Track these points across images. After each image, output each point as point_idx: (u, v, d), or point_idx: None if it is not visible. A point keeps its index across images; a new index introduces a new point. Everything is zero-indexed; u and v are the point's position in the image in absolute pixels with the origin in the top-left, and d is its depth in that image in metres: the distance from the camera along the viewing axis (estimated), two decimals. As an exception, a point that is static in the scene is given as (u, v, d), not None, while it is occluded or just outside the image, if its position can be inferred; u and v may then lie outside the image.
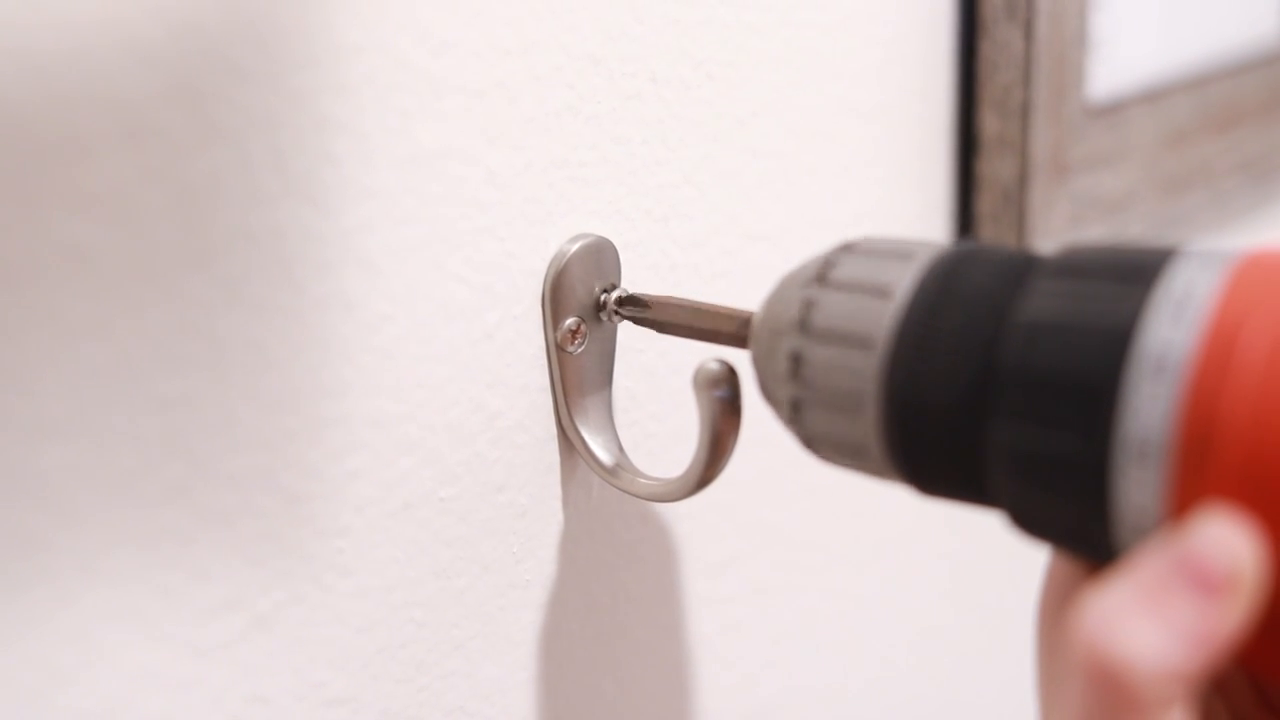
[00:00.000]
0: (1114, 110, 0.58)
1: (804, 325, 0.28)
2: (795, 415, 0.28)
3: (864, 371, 0.27)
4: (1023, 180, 0.53)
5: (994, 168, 0.53)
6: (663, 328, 0.36)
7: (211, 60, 0.28)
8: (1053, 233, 0.55)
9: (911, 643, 0.57)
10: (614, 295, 0.37)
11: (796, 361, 0.28)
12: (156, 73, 0.27)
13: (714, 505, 0.44)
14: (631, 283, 0.38)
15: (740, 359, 0.33)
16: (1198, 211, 0.66)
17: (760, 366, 0.30)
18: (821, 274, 0.28)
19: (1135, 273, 0.23)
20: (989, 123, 0.53)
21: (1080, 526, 0.24)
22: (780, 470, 0.47)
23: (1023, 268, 0.26)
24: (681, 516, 0.43)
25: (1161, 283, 0.23)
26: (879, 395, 0.26)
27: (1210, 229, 0.72)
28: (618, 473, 0.37)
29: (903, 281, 0.27)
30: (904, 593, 0.56)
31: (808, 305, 0.28)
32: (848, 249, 0.29)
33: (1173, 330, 0.22)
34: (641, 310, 0.36)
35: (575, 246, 0.36)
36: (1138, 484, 0.22)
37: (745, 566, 0.46)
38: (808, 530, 0.49)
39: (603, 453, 0.37)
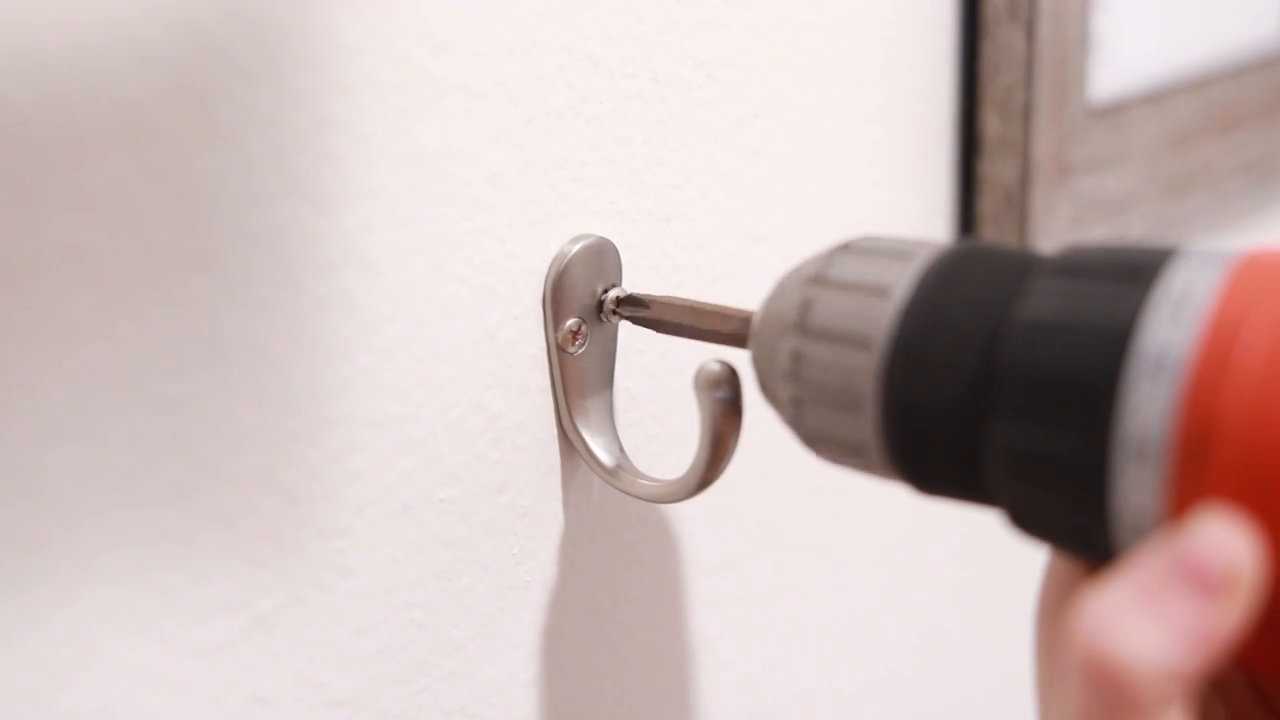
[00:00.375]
0: (1116, 111, 0.58)
1: (803, 325, 0.28)
2: (796, 414, 0.28)
3: (863, 371, 0.26)
4: (1024, 182, 0.53)
5: (996, 169, 0.53)
6: (662, 327, 0.36)
7: (212, 60, 0.28)
8: (1054, 234, 0.55)
9: (913, 643, 0.57)
10: (612, 294, 0.37)
11: (796, 360, 0.28)
12: (157, 72, 0.27)
13: (715, 507, 0.44)
14: (633, 284, 0.38)
15: (740, 359, 0.33)
16: (1199, 213, 0.66)
17: (760, 366, 0.30)
18: (820, 273, 0.28)
19: (1134, 272, 0.23)
20: (991, 124, 0.53)
21: (1079, 526, 0.24)
22: (781, 471, 0.47)
23: (1022, 267, 0.26)
24: (682, 518, 0.43)
25: (1160, 282, 0.23)
26: (878, 395, 0.26)
27: (1212, 230, 0.72)
28: (618, 474, 0.37)
29: (901, 281, 0.27)
30: (905, 594, 0.56)
31: (806, 305, 0.28)
32: (846, 248, 0.29)
33: (1171, 330, 0.22)
34: (641, 310, 0.36)
35: (576, 247, 0.36)
36: (1136, 483, 0.22)
37: (746, 568, 0.46)
38: (809, 532, 0.49)
39: (603, 454, 0.37)
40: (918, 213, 0.52)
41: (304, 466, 0.31)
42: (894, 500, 0.51)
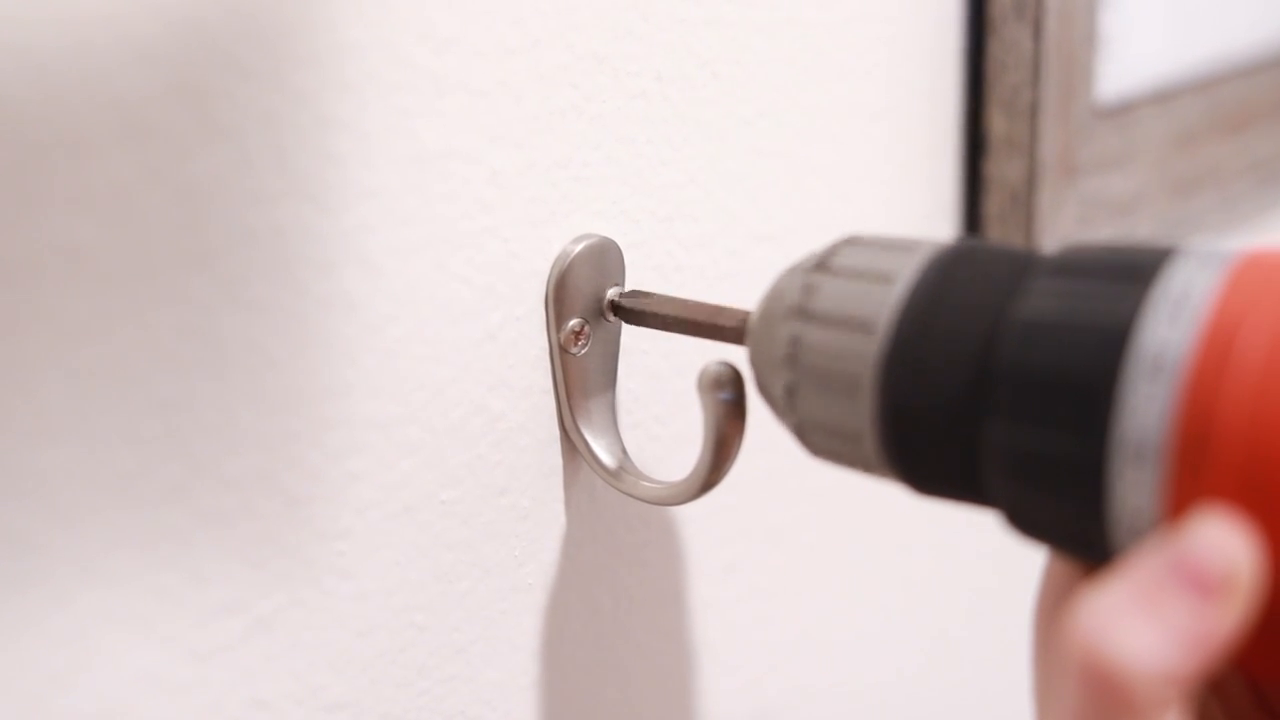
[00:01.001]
0: (1123, 111, 0.58)
1: (803, 309, 0.28)
2: (790, 401, 0.28)
3: (863, 355, 0.26)
4: (1031, 181, 0.53)
5: (1002, 169, 0.53)
6: (659, 323, 0.36)
7: (213, 58, 0.27)
8: (1061, 234, 0.55)
9: (915, 644, 0.57)
10: (611, 293, 0.37)
11: (795, 345, 0.28)
12: (157, 71, 0.27)
13: (718, 508, 0.44)
14: (636, 283, 0.38)
15: (742, 359, 0.33)
16: (1207, 213, 0.66)
17: (756, 358, 0.30)
18: (823, 261, 0.28)
19: (1133, 272, 0.23)
20: (997, 123, 0.53)
21: (1076, 527, 0.24)
22: (785, 473, 0.46)
23: (1022, 266, 0.26)
24: (685, 520, 0.43)
25: (1159, 282, 0.23)
26: (877, 380, 0.26)
27: (1219, 231, 0.71)
28: (621, 476, 0.37)
29: (906, 269, 0.27)
30: (907, 595, 0.55)
31: (808, 290, 0.28)
32: (850, 242, 0.29)
33: (1170, 330, 0.22)
34: (639, 306, 0.36)
35: (579, 247, 0.36)
36: (1134, 485, 0.22)
37: (749, 570, 0.46)
38: (812, 533, 0.49)
39: (606, 455, 0.37)
40: (923, 212, 0.51)
41: (304, 468, 0.31)
42: (896, 502, 0.51)
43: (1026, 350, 0.24)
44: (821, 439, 0.28)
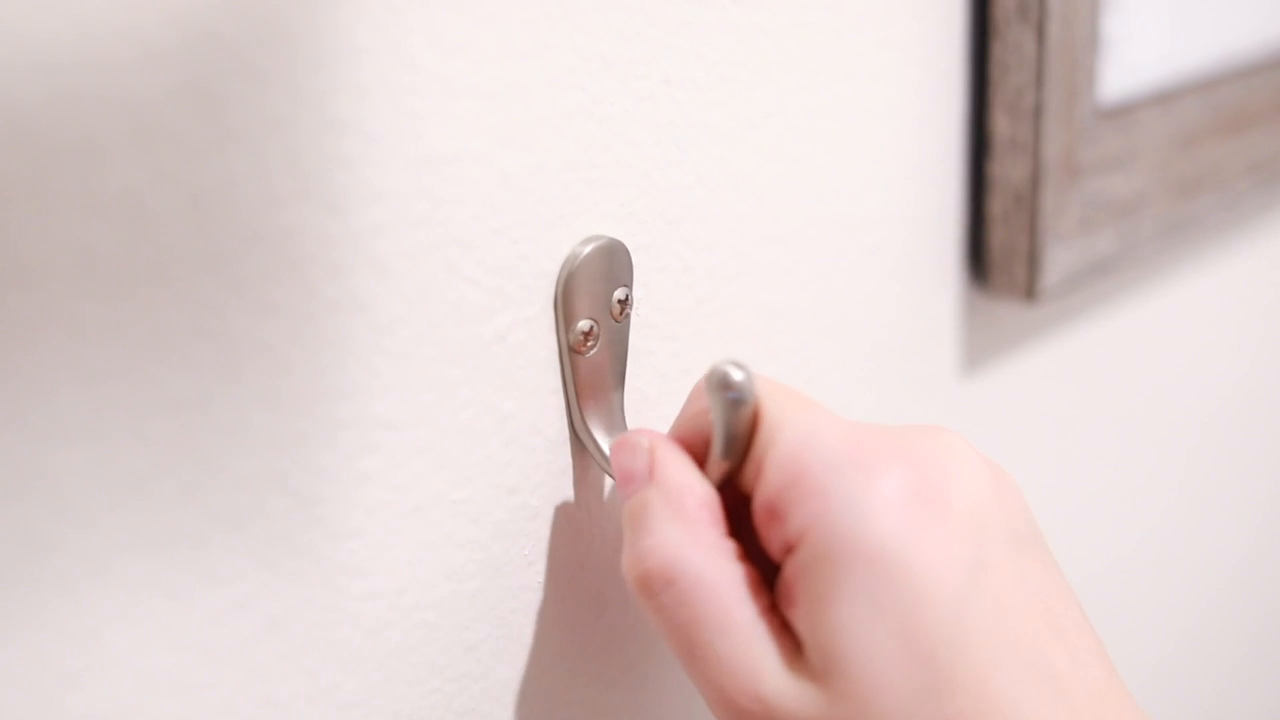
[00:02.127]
0: (1125, 112, 0.58)
1: None
2: None
3: None
4: (1034, 182, 0.53)
5: (1005, 170, 0.53)
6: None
7: (224, 62, 0.28)
8: (1064, 235, 0.55)
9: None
10: (618, 293, 0.37)
11: None
12: (168, 74, 0.27)
13: (725, 508, 0.44)
14: (644, 285, 0.38)
15: (749, 358, 0.33)
16: (1209, 214, 0.66)
17: None
18: None
19: None
20: (1000, 124, 0.53)
21: None
22: (791, 473, 0.46)
23: None
24: (692, 519, 0.43)
25: None
26: None
27: (1221, 231, 0.72)
28: (629, 475, 0.37)
29: None
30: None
31: None
32: None
33: None
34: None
35: (588, 248, 0.36)
36: None
37: (756, 570, 0.46)
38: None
39: (614, 455, 0.37)
40: (928, 213, 0.52)
41: (315, 468, 0.31)
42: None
43: None
44: None
